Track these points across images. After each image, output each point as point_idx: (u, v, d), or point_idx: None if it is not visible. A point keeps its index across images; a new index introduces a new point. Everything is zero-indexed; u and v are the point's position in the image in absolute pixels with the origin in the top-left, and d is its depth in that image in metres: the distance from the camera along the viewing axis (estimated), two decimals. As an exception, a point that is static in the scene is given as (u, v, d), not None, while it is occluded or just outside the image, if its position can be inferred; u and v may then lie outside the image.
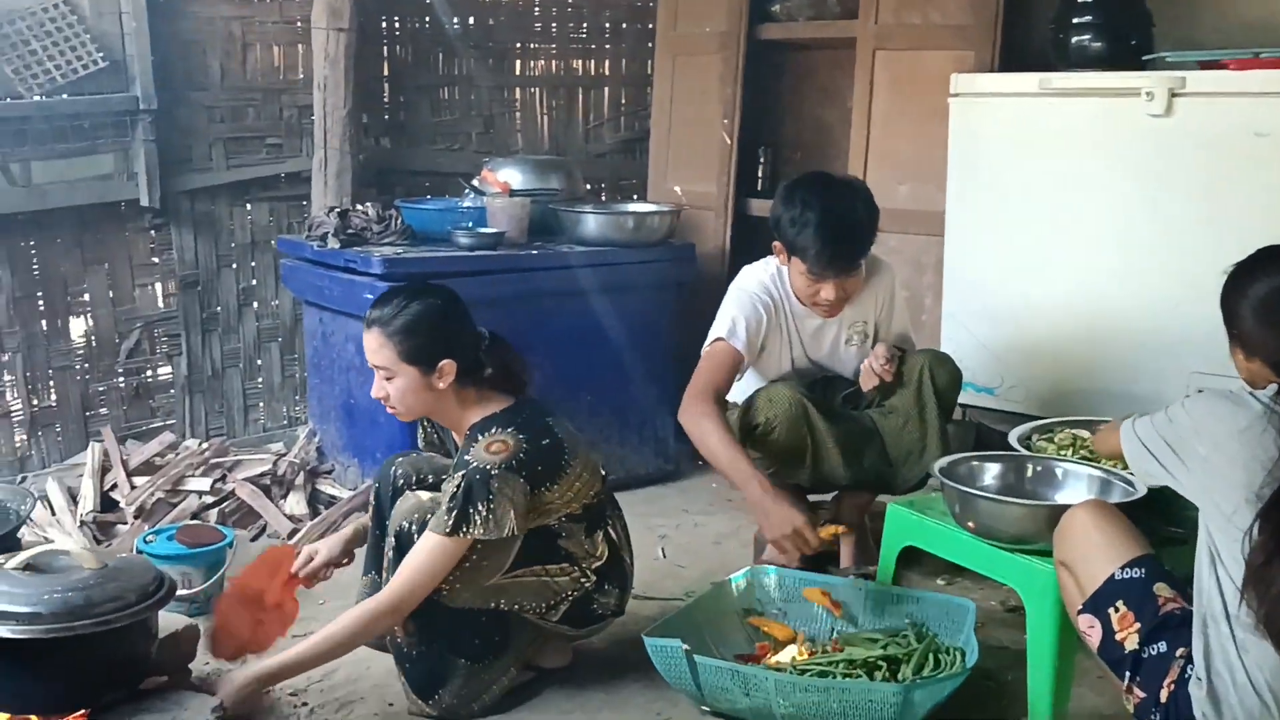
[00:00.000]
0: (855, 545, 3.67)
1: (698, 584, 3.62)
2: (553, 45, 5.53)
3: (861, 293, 3.59)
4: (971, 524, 2.87)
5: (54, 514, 3.98)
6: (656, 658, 2.81)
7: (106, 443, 4.34)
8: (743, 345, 3.45)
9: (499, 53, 5.41)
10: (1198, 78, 3.70)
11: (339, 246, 4.21)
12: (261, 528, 4.08)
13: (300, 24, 4.81)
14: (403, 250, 4.18)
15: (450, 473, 2.80)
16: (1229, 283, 2.43)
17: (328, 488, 4.35)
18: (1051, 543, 2.59)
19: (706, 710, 2.85)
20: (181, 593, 3.28)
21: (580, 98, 5.61)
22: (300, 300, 4.75)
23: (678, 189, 5.32)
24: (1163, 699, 2.25)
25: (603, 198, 5.58)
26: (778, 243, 3.49)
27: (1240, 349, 2.42)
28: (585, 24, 5.56)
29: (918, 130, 4.49)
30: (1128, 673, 2.32)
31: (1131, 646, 2.32)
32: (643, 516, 4.19)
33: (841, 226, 3.37)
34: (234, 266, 4.89)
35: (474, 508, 2.67)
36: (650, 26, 5.51)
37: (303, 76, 4.87)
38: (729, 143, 5.08)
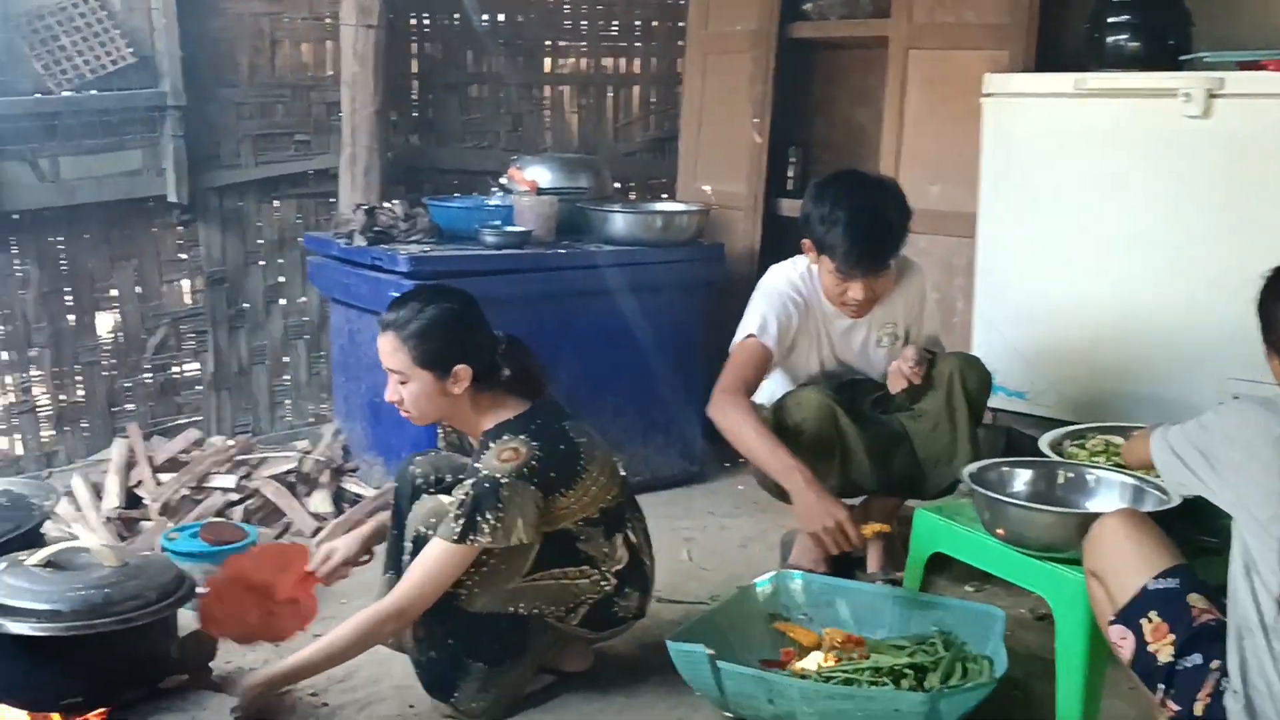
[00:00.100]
0: (883, 550, 3.64)
1: (723, 587, 3.58)
2: (583, 43, 5.51)
3: (892, 294, 3.55)
4: (1001, 531, 2.84)
5: (79, 510, 3.99)
6: (680, 662, 2.78)
7: (132, 439, 4.35)
8: (773, 342, 3.41)
9: (529, 50, 5.40)
10: (1237, 79, 3.63)
11: (365, 244, 4.20)
12: (286, 526, 4.07)
13: (329, 21, 4.81)
14: (429, 248, 4.17)
15: (463, 478, 2.77)
16: (1266, 288, 2.37)
17: (353, 486, 4.35)
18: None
19: (729, 716, 2.82)
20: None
21: (610, 96, 5.59)
22: (327, 298, 4.74)
23: (707, 188, 5.29)
24: (1198, 712, 2.20)
25: (632, 197, 5.56)
26: (807, 240, 3.45)
27: (1277, 356, 2.37)
28: (616, 22, 5.54)
29: (950, 131, 4.45)
30: (1161, 685, 2.28)
31: (1165, 659, 2.28)
32: (668, 519, 4.17)
33: (871, 225, 3.33)
34: (261, 263, 4.90)
35: (482, 516, 2.65)
36: (681, 25, 5.49)
37: (331, 73, 4.87)
38: (759, 142, 5.05)
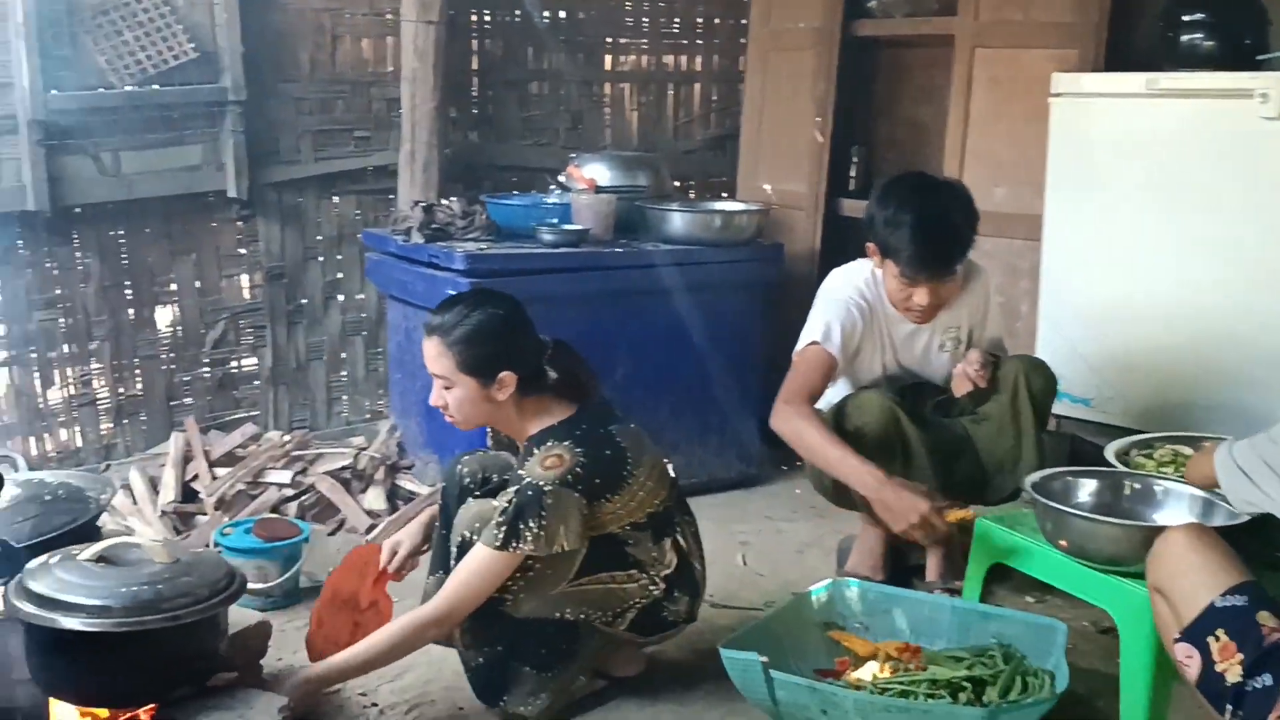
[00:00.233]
0: (943, 558, 3.58)
1: (777, 594, 3.54)
2: (643, 40, 5.48)
3: (957, 298, 3.49)
4: (1064, 543, 2.78)
5: (135, 503, 4.01)
6: (733, 670, 2.73)
7: (189, 433, 4.37)
8: (836, 349, 3.36)
9: (589, 47, 5.38)
10: (1315, 79, 3.55)
11: (423, 241, 4.19)
12: (340, 522, 4.07)
13: (390, 17, 4.81)
14: (486, 246, 4.15)
15: (507, 484, 2.75)
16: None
17: (407, 483, 4.34)
18: (1148, 565, 2.48)
19: (782, 726, 2.77)
20: (256, 587, 3.28)
21: (670, 93, 5.56)
22: (384, 294, 4.74)
23: (768, 187, 5.25)
24: (1268, 735, 2.13)
25: (691, 195, 5.52)
26: (871, 244, 3.39)
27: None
28: (677, 19, 5.50)
29: (1016, 131, 4.38)
30: (1229, 706, 2.20)
31: (1233, 678, 2.20)
32: (723, 522, 4.13)
33: (938, 229, 3.28)
34: (320, 259, 4.90)
35: (525, 524, 2.62)
36: (743, 22, 5.45)
37: (391, 69, 4.86)
38: (821, 141, 5.00)
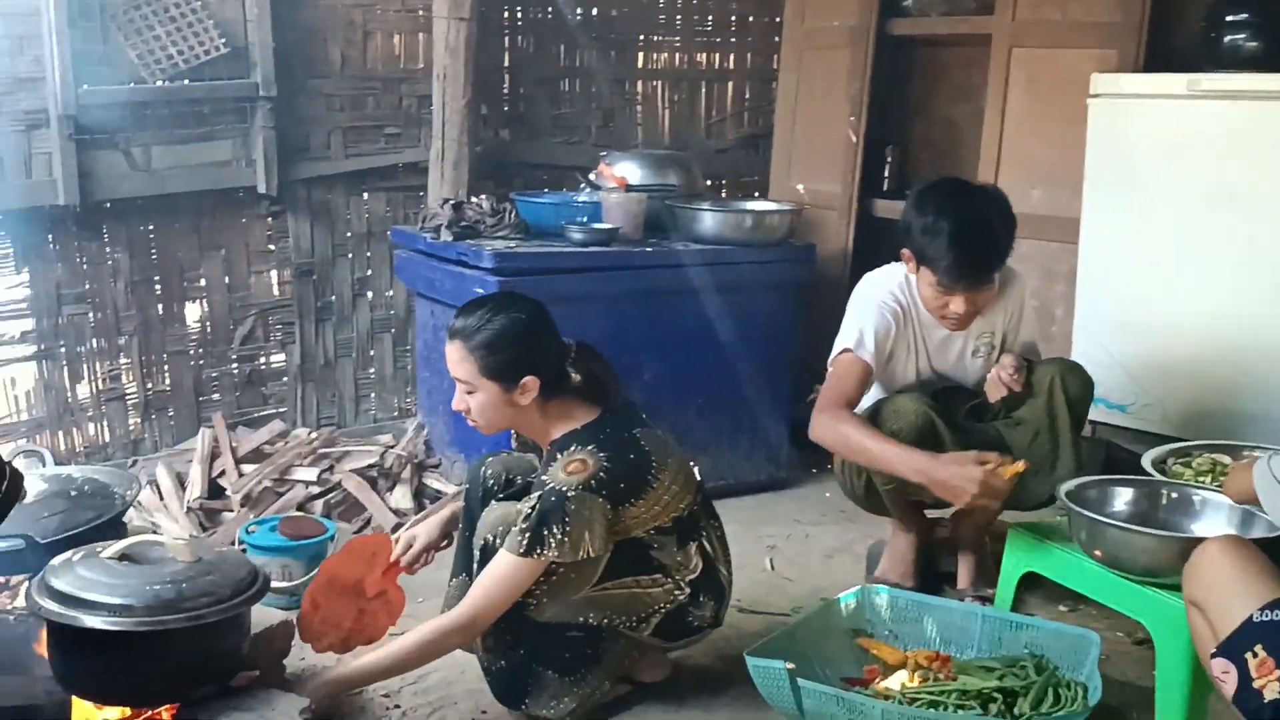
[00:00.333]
0: (974, 566, 3.54)
1: (805, 600, 3.51)
2: (676, 38, 5.45)
3: (993, 304, 3.43)
4: (1099, 553, 2.74)
5: (162, 499, 4.01)
6: (759, 677, 2.70)
7: (217, 429, 4.36)
8: (870, 356, 3.32)
9: (621, 45, 5.34)
10: (1362, 81, 3.49)
11: (452, 239, 4.17)
12: (366, 520, 4.06)
13: (422, 13, 4.79)
14: (515, 244, 4.12)
15: (531, 487, 2.72)
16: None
17: (433, 482, 4.33)
18: (1185, 577, 2.43)
19: (809, 735, 2.73)
20: (280, 585, 3.27)
21: (703, 92, 5.52)
22: (413, 292, 4.72)
23: (800, 187, 5.21)
24: (1306, 755, 2.08)
25: (723, 195, 5.48)
26: (907, 250, 3.35)
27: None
28: (710, 16, 5.47)
29: (1054, 132, 4.33)
30: (1267, 724, 2.15)
31: (1272, 695, 2.15)
32: (751, 525, 4.09)
33: (976, 238, 3.22)
34: (349, 256, 4.88)
35: (549, 530, 2.59)
36: (777, 20, 5.42)
37: (423, 66, 4.84)
38: (855, 141, 4.96)
